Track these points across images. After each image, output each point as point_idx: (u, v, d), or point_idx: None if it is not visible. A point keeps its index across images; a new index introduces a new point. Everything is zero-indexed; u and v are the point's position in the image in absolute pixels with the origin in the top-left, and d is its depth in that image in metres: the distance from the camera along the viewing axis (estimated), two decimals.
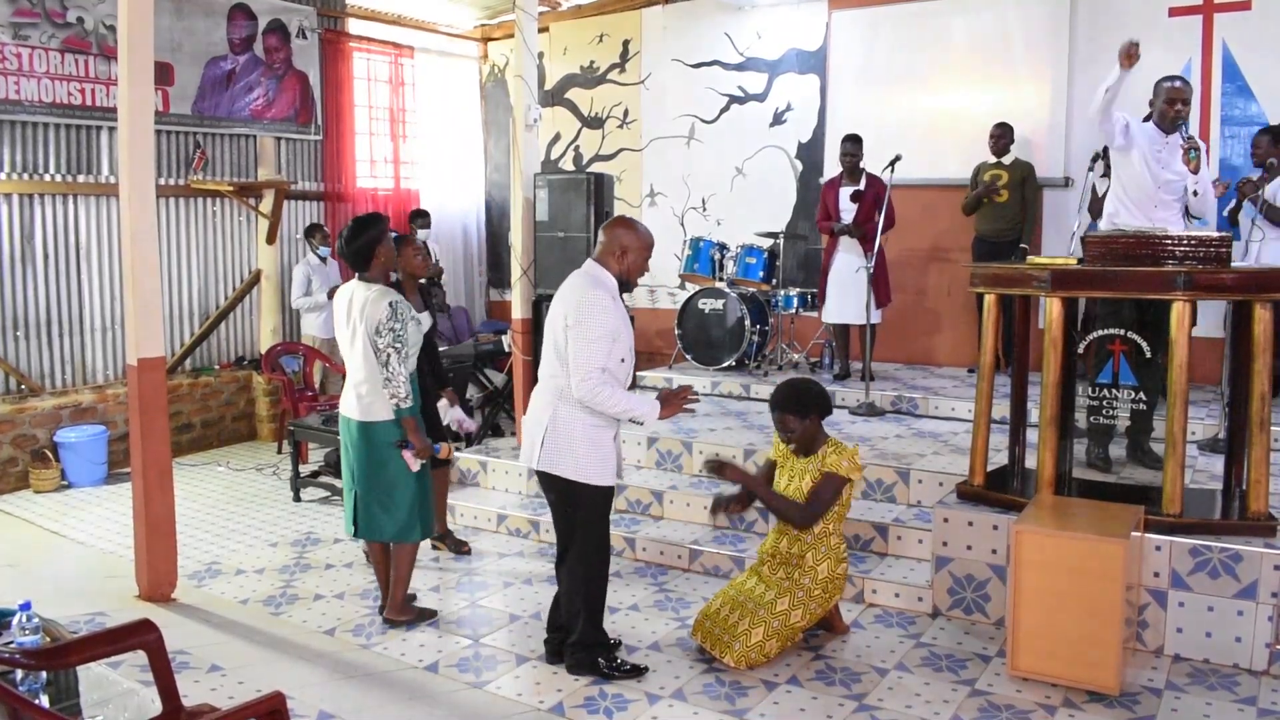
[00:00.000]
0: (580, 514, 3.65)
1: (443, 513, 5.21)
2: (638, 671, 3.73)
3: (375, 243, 4.06)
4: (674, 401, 3.66)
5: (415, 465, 4.12)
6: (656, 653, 3.93)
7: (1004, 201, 6.77)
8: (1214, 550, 3.72)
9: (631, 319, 3.72)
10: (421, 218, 8.25)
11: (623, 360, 3.60)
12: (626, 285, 3.68)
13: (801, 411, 3.86)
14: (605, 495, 3.69)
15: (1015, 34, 7.15)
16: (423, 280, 5.02)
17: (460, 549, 5.18)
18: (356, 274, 4.15)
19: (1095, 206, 6.34)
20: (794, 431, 3.88)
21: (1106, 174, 6.31)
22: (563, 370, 3.57)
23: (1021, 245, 6.54)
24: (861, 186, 6.79)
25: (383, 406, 4.05)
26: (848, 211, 6.82)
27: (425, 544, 4.97)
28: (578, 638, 3.74)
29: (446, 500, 5.29)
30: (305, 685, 3.65)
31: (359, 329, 4.04)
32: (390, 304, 3.99)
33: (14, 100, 6.52)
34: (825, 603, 3.91)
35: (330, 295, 7.55)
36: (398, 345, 3.97)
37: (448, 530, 5.28)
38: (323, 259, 7.82)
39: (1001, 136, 6.82)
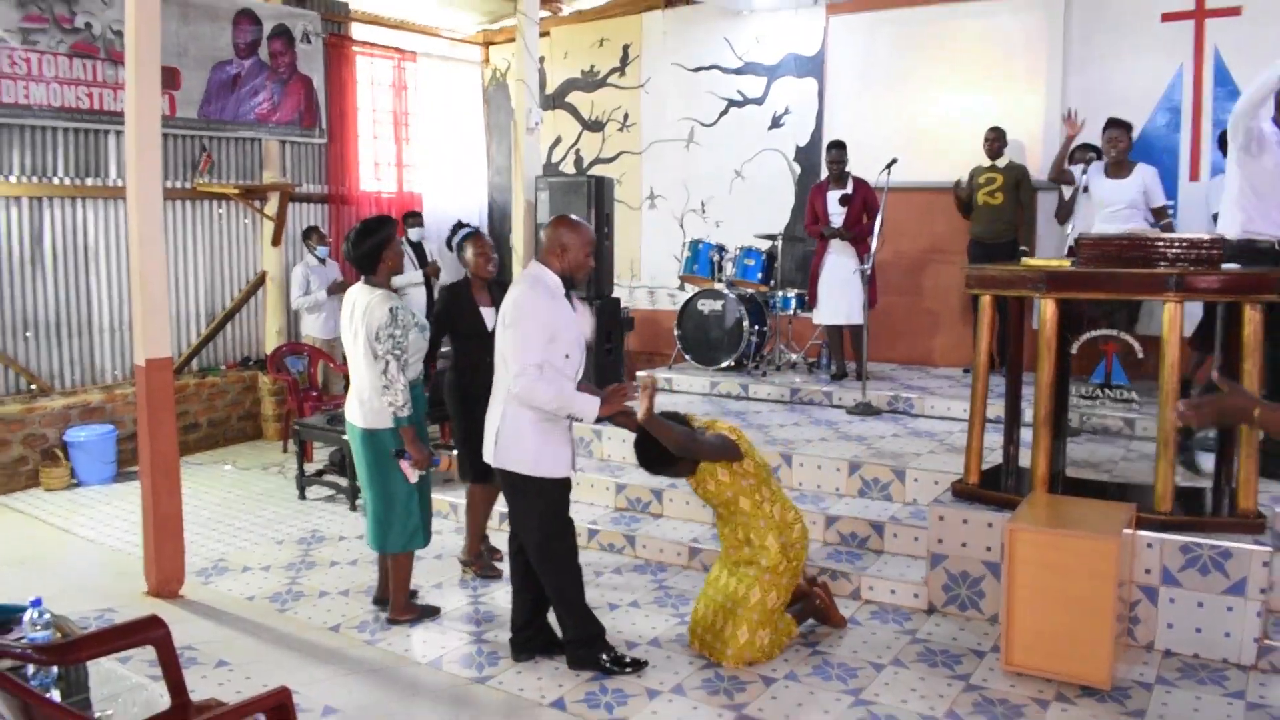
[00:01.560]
0: (537, 507, 3.70)
1: (483, 529, 4.88)
2: (638, 666, 3.78)
3: (381, 246, 4.04)
4: (614, 399, 3.68)
5: (413, 476, 4.12)
6: (656, 649, 3.99)
7: (999, 204, 6.84)
8: (1204, 547, 3.78)
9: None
10: (413, 217, 8.30)
11: (567, 356, 3.62)
12: (571, 282, 3.71)
13: (669, 462, 3.77)
14: (560, 487, 3.75)
15: (1010, 39, 7.21)
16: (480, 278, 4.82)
17: (489, 573, 4.83)
18: (362, 277, 4.14)
19: (1062, 212, 6.53)
20: (687, 467, 3.85)
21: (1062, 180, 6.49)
22: (506, 370, 3.62)
23: (1022, 248, 6.62)
24: (849, 190, 6.90)
25: (386, 414, 4.03)
26: (837, 215, 6.91)
27: (437, 546, 4.98)
28: (574, 634, 3.79)
29: (488, 518, 4.92)
30: (311, 681, 3.71)
31: (360, 333, 4.02)
32: (391, 309, 3.95)
33: (23, 105, 6.58)
34: (793, 572, 3.90)
35: (330, 291, 7.63)
36: (397, 352, 3.93)
37: (480, 551, 4.88)
38: (321, 260, 7.88)
39: (996, 140, 6.88)
